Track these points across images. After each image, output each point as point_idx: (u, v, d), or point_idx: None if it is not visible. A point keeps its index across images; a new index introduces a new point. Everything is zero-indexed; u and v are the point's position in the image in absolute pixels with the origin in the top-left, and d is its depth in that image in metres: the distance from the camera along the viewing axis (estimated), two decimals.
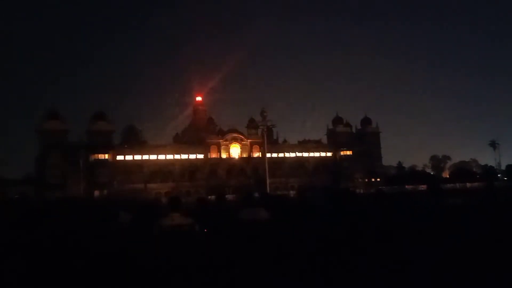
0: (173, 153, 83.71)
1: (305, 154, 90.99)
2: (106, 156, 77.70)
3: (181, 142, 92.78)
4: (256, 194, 9.56)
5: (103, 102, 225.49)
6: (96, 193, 64.40)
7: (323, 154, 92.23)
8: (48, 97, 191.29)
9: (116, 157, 78.88)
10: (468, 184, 52.70)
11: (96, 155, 76.55)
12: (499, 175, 71.93)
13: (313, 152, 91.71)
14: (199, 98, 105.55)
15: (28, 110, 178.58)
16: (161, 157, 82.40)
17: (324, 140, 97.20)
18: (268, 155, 67.16)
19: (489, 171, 77.63)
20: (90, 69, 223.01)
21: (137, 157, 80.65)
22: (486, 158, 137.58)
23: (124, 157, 79.77)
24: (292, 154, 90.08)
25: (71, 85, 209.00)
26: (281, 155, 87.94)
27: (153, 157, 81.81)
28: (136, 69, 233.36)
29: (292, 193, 40.86)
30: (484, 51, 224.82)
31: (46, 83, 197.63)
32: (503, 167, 74.85)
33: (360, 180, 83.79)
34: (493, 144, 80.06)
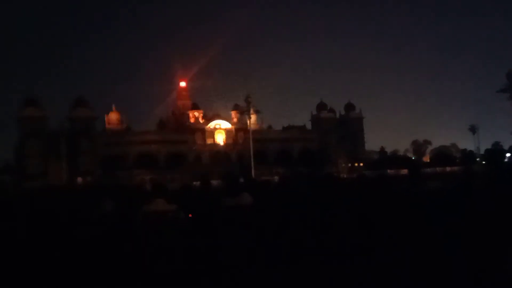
0: (157, 140, 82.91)
1: (290, 140, 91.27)
2: (89, 143, 76.41)
3: (165, 128, 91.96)
4: (242, 180, 9.70)
5: (84, 88, 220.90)
6: (79, 180, 63.54)
7: (307, 139, 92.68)
8: (27, 83, 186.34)
9: (99, 144, 77.74)
10: (448, 168, 53.91)
11: (78, 142, 75.16)
12: (478, 159, 73.64)
13: (297, 137, 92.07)
14: (183, 84, 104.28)
15: (6, 96, 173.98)
16: (145, 143, 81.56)
17: (309, 125, 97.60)
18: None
19: (468, 156, 79.32)
20: (71, 55, 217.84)
21: (121, 143, 79.60)
22: (466, 143, 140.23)
23: (108, 144, 78.65)
24: (277, 140, 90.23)
25: (50, 71, 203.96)
26: (265, 141, 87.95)
27: (137, 143, 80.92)
28: (119, 55, 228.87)
29: (276, 178, 41.07)
30: (465, 36, 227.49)
31: (24, 69, 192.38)
32: (482, 152, 76.59)
33: (343, 165, 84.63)
34: (473, 129, 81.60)
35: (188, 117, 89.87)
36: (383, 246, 3.70)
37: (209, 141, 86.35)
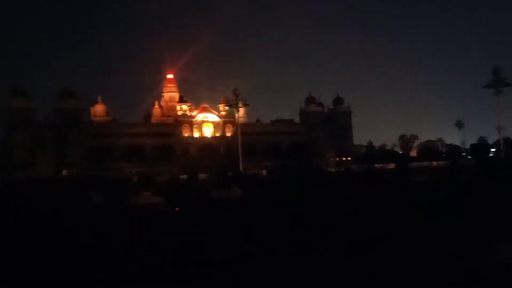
0: (144, 132, 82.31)
1: (278, 133, 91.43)
2: (76, 134, 75.41)
3: (152, 121, 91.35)
4: (230, 173, 9.56)
5: (71, 79, 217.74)
6: (65, 172, 62.78)
7: (295, 133, 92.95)
8: (13, 73, 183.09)
9: (85, 136, 76.79)
10: (434, 163, 54.72)
11: (65, 133, 74.17)
12: (463, 154, 74.88)
13: (285, 131, 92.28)
14: (170, 76, 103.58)
15: None
16: (132, 136, 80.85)
17: (297, 119, 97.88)
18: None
19: (454, 150, 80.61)
20: (58, 46, 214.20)
21: (108, 135, 78.75)
22: (452, 138, 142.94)
23: (94, 136, 77.74)
24: (265, 134, 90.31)
25: (37, 62, 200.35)
26: (253, 134, 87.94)
27: (124, 135, 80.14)
28: (106, 46, 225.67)
29: (264, 172, 41.13)
30: (452, 31, 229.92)
31: (10, 59, 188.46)
32: (468, 146, 77.87)
33: (331, 159, 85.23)
34: (459, 124, 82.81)
35: (176, 110, 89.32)
36: (381, 241, 3.63)
37: (196, 133, 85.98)
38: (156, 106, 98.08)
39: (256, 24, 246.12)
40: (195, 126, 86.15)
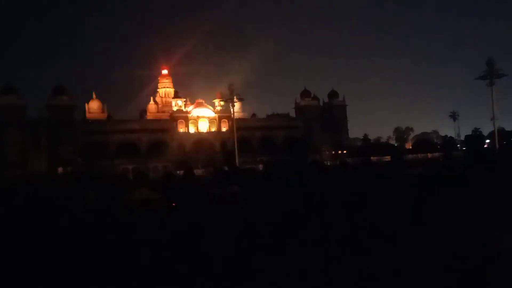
0: (139, 128, 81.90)
1: (273, 128, 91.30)
2: (69, 132, 74.92)
3: (148, 116, 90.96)
4: (226, 168, 9.56)
5: (64, 76, 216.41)
6: (60, 170, 62.49)
7: (291, 127, 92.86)
8: (5, 71, 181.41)
9: (79, 133, 76.32)
10: (429, 155, 55.01)
11: (58, 131, 73.63)
12: (458, 146, 75.30)
13: (281, 125, 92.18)
14: (165, 71, 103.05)
15: None
16: (127, 132, 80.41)
17: (292, 113, 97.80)
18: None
19: (448, 142, 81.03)
20: (50, 42, 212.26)
21: (102, 132, 78.29)
22: (447, 129, 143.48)
23: (89, 133, 77.25)
24: (261, 128, 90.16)
25: (29, 58, 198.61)
26: (249, 129, 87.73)
27: (118, 132, 79.70)
28: (99, 42, 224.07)
29: (261, 166, 41.12)
30: (447, 23, 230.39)
31: (2, 56, 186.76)
32: (462, 138, 78.31)
33: (327, 152, 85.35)
34: (453, 116, 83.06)
35: (171, 105, 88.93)
36: (378, 236, 3.61)
37: (192, 129, 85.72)
38: (151, 102, 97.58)
39: (251, 19, 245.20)
40: (190, 121, 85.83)
